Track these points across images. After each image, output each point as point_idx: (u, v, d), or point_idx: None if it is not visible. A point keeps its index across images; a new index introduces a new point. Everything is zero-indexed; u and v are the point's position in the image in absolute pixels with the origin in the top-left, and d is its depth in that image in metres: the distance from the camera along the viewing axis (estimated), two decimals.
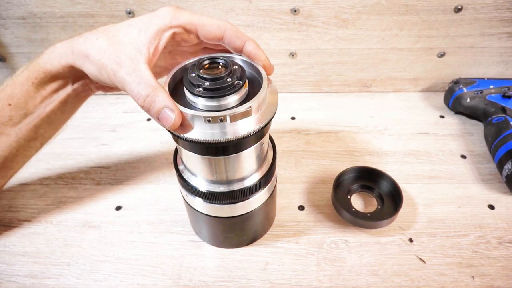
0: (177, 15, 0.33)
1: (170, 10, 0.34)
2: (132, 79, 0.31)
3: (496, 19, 0.58)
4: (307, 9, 0.58)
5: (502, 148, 0.49)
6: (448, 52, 0.63)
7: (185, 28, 0.34)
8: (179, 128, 0.30)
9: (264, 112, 0.31)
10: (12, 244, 0.45)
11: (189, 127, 0.29)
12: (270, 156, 0.39)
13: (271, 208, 0.44)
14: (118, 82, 0.32)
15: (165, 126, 0.29)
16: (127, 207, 0.49)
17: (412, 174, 0.52)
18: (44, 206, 0.49)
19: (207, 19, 0.34)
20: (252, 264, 0.42)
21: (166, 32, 0.33)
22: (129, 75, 0.31)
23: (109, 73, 0.32)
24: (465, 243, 0.43)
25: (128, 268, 0.42)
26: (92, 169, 0.55)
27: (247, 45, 0.34)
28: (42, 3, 0.58)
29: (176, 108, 0.29)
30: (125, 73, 0.31)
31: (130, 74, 0.31)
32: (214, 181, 0.35)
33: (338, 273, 0.40)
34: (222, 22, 0.34)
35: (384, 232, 0.44)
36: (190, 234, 0.45)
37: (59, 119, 0.42)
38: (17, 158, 0.41)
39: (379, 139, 0.58)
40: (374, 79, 0.67)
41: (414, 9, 0.57)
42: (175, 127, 0.29)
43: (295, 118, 0.64)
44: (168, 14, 0.33)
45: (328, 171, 0.53)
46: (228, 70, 0.31)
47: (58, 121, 0.42)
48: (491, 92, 0.59)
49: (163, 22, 0.33)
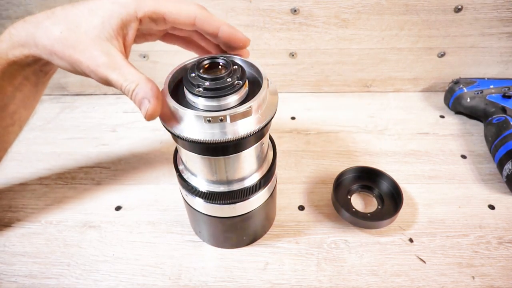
0: (141, 3, 0.31)
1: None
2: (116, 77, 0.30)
3: (496, 19, 0.58)
4: (307, 9, 0.58)
5: (502, 148, 0.49)
6: (448, 52, 0.63)
7: (151, 18, 0.32)
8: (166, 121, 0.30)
9: (264, 112, 0.31)
10: (12, 244, 0.45)
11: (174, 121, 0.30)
12: (270, 156, 0.39)
13: (271, 208, 0.44)
14: (99, 79, 0.31)
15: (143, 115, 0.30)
16: (127, 207, 0.49)
17: (412, 174, 0.52)
18: (44, 206, 0.49)
19: (174, 4, 0.32)
20: (252, 264, 0.42)
21: (132, 23, 0.31)
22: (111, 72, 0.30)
23: (85, 70, 0.31)
24: (465, 243, 0.43)
25: (128, 268, 0.42)
26: (92, 169, 0.54)
27: (222, 29, 0.33)
28: (41, 3, 0.58)
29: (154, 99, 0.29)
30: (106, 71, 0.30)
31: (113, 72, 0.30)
32: (214, 181, 0.35)
33: (338, 273, 0.40)
34: (191, 8, 0.32)
35: (384, 232, 0.44)
36: (190, 234, 0.45)
37: (34, 99, 0.40)
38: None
39: (379, 139, 0.58)
40: (374, 79, 0.67)
41: (414, 9, 0.57)
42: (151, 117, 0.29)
43: (295, 118, 0.63)
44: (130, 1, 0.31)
45: (328, 171, 0.53)
46: (228, 70, 0.31)
47: (33, 101, 0.41)
48: (491, 92, 0.59)
49: (126, 12, 0.31)
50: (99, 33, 0.30)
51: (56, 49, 0.31)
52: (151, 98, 0.29)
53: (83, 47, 0.30)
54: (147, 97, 0.29)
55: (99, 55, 0.30)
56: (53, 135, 0.61)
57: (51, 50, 0.31)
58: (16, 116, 0.39)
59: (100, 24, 0.30)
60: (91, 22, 0.30)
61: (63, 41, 0.30)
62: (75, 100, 0.70)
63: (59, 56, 0.31)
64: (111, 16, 0.30)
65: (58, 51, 0.31)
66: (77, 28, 0.30)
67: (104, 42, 0.30)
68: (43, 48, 0.31)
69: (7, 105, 0.38)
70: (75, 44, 0.30)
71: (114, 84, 0.30)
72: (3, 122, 0.39)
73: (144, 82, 0.30)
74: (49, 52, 0.31)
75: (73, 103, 0.69)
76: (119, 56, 0.30)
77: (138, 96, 0.29)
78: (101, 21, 0.30)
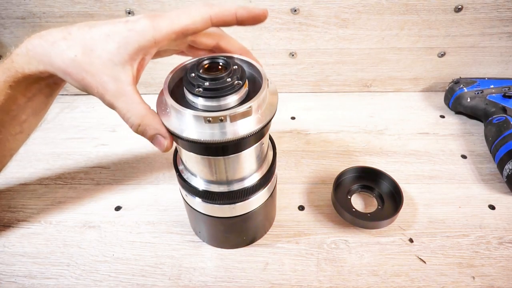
0: (157, 28, 0.30)
1: (147, 23, 0.30)
2: (120, 106, 0.31)
3: (497, 18, 0.58)
4: (307, 9, 0.58)
5: (503, 148, 0.49)
6: (448, 51, 0.63)
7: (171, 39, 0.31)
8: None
9: (264, 112, 0.31)
10: (12, 244, 0.44)
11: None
12: (270, 156, 0.39)
13: (271, 208, 0.44)
14: (106, 104, 0.32)
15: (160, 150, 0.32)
16: (126, 207, 0.49)
17: (412, 174, 0.52)
18: (43, 206, 0.49)
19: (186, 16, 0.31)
20: (252, 265, 0.42)
21: (150, 49, 0.31)
22: (116, 101, 0.30)
23: (95, 94, 0.32)
24: (465, 243, 0.43)
25: (128, 269, 0.42)
26: (91, 169, 0.54)
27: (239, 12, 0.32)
28: (41, 3, 0.58)
29: (167, 133, 0.31)
30: (112, 98, 0.30)
31: (117, 100, 0.30)
32: (214, 181, 0.35)
33: (338, 274, 0.40)
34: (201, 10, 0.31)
35: (384, 232, 0.44)
36: (190, 235, 0.45)
37: (44, 108, 0.41)
38: (3, 152, 0.41)
39: (379, 139, 0.58)
40: (374, 79, 0.67)
41: (414, 8, 0.57)
42: (168, 150, 0.32)
43: (295, 118, 0.63)
44: (147, 28, 0.30)
45: (328, 171, 0.53)
46: (228, 70, 0.31)
47: (44, 110, 0.41)
48: (491, 92, 0.59)
49: (144, 39, 0.30)
50: (113, 58, 0.30)
51: (70, 71, 0.31)
52: (165, 133, 0.31)
53: (94, 71, 0.30)
54: (159, 133, 0.31)
55: (107, 81, 0.30)
56: (53, 135, 0.61)
57: (66, 71, 0.31)
58: (26, 124, 0.40)
59: (115, 50, 0.30)
60: (106, 47, 0.30)
61: (77, 64, 0.31)
62: (75, 100, 0.69)
63: (73, 78, 0.32)
64: (127, 42, 0.30)
65: (72, 73, 0.31)
66: (91, 52, 0.30)
67: (115, 67, 0.30)
68: (58, 67, 0.32)
69: (18, 115, 0.38)
70: (88, 68, 0.30)
71: (118, 112, 0.31)
72: (13, 130, 0.39)
73: (151, 116, 0.31)
74: (64, 73, 0.32)
75: (73, 103, 0.69)
76: (127, 82, 0.31)
77: (149, 133, 0.31)
78: (117, 47, 0.30)
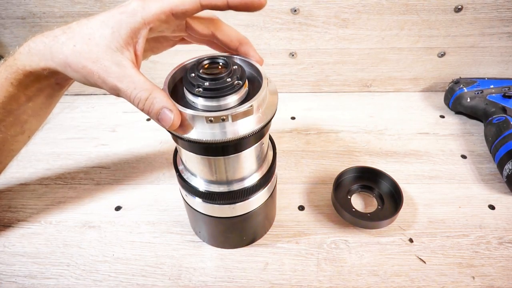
0: (146, 8, 0.30)
1: (137, 4, 0.30)
2: (125, 86, 0.30)
3: (497, 18, 0.58)
4: (307, 9, 0.58)
5: (503, 148, 0.49)
6: (448, 52, 0.63)
7: (161, 19, 0.31)
8: (179, 128, 0.29)
9: (264, 112, 0.31)
10: (12, 244, 0.44)
11: (189, 127, 0.29)
12: (270, 156, 0.39)
13: (271, 208, 0.44)
14: (110, 89, 0.31)
15: (165, 126, 0.29)
16: (126, 207, 0.49)
17: (412, 174, 0.52)
18: (43, 206, 0.49)
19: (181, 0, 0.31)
20: (252, 265, 0.42)
21: (141, 30, 0.31)
22: (121, 82, 0.30)
23: (97, 81, 0.31)
24: (465, 243, 0.43)
25: (128, 269, 0.42)
26: (91, 169, 0.54)
27: None
28: (41, 3, 0.58)
29: (175, 108, 0.29)
30: (116, 81, 0.30)
31: (122, 81, 0.30)
32: (214, 181, 0.35)
33: (338, 274, 0.40)
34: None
35: (384, 232, 0.44)
36: (190, 235, 0.45)
37: (46, 110, 0.41)
38: (4, 153, 0.41)
39: (379, 139, 0.58)
40: (374, 79, 0.67)
41: (414, 8, 0.57)
42: (175, 127, 0.29)
43: (295, 118, 0.63)
44: (137, 9, 0.30)
45: (328, 171, 0.53)
46: (228, 70, 0.31)
47: (45, 112, 0.41)
48: (491, 92, 0.59)
49: (134, 20, 0.30)
50: (110, 44, 0.30)
51: (70, 61, 0.31)
52: (172, 106, 0.29)
53: (95, 58, 0.30)
54: (166, 107, 0.29)
55: (109, 66, 0.30)
56: (53, 135, 0.61)
57: (66, 63, 0.31)
58: (27, 125, 0.40)
59: (110, 35, 0.30)
60: (102, 34, 0.30)
61: (77, 53, 0.31)
62: (75, 100, 0.69)
63: (73, 69, 0.31)
64: (120, 26, 0.30)
65: (72, 63, 0.31)
66: (90, 40, 0.31)
67: (114, 53, 0.30)
68: (58, 60, 0.32)
69: (19, 115, 0.38)
70: (88, 56, 0.30)
71: (123, 93, 0.30)
72: (13, 130, 0.39)
73: (158, 90, 0.30)
74: (64, 65, 0.32)
75: (73, 103, 0.69)
76: (129, 66, 0.30)
77: (155, 106, 0.29)
78: (111, 32, 0.30)
